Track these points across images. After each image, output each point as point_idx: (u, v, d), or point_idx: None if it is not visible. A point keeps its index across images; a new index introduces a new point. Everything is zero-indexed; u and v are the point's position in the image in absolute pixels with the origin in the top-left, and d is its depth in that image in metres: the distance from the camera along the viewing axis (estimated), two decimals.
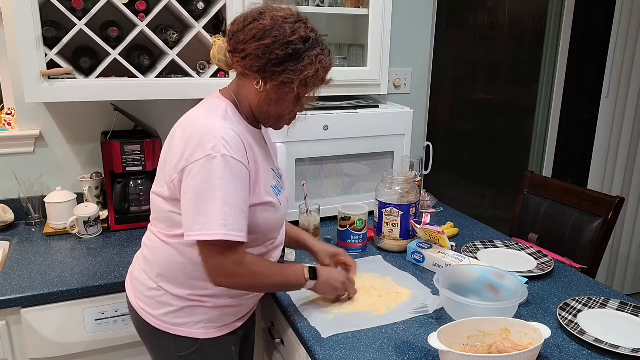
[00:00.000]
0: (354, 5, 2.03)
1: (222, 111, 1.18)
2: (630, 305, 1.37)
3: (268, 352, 1.62)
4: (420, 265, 1.63)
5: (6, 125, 1.91)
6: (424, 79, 2.46)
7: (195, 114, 1.20)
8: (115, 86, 1.69)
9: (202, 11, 1.76)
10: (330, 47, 2.07)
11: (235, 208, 1.11)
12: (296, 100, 1.20)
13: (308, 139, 1.84)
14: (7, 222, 1.85)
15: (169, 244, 1.22)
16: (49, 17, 1.65)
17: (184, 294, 1.23)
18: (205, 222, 1.09)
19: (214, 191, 1.09)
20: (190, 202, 1.11)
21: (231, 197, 1.10)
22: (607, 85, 3.00)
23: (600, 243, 1.91)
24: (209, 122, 1.14)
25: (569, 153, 3.13)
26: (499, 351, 1.09)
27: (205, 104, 1.23)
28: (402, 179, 1.72)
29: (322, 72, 1.18)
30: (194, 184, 1.10)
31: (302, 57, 1.14)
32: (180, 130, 1.17)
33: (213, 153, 1.09)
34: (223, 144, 1.10)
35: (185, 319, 1.24)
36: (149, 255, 1.27)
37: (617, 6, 2.90)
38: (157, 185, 1.24)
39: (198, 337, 1.25)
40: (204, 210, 1.09)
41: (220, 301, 1.26)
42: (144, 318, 1.27)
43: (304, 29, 1.15)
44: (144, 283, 1.27)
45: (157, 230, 1.25)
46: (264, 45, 1.12)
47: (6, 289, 1.44)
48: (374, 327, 1.28)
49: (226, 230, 1.09)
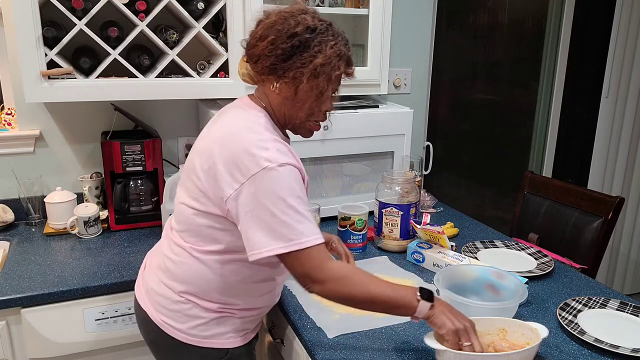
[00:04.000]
0: (354, 5, 2.03)
1: (263, 120, 1.12)
2: (630, 305, 1.37)
3: (268, 352, 1.62)
4: (420, 265, 1.63)
5: (6, 125, 1.91)
6: (424, 79, 2.47)
7: (232, 126, 1.11)
8: (115, 86, 1.69)
9: (202, 11, 1.76)
10: None
11: (304, 212, 1.05)
12: (314, 97, 1.12)
13: (308, 139, 1.84)
14: (7, 222, 1.85)
15: (201, 260, 1.15)
16: (49, 17, 1.65)
17: (213, 307, 1.18)
18: (280, 235, 1.02)
19: (281, 202, 1.02)
20: (257, 219, 1.03)
21: (298, 203, 1.04)
22: (607, 85, 3.00)
23: (600, 243, 1.91)
24: (253, 133, 1.07)
25: (569, 153, 3.13)
26: (496, 351, 1.09)
27: (242, 115, 1.14)
28: (402, 179, 1.72)
29: (336, 59, 1.09)
30: (259, 200, 1.02)
31: (310, 46, 1.07)
32: (219, 144, 1.08)
33: (270, 164, 1.02)
34: (275, 153, 1.04)
35: (215, 331, 1.19)
36: (174, 268, 1.19)
37: (617, 6, 2.90)
38: (188, 197, 1.15)
39: (228, 346, 1.21)
40: (275, 223, 1.02)
41: (246, 313, 1.23)
42: (168, 333, 1.19)
43: (311, 19, 1.09)
44: (169, 297, 1.19)
45: (188, 245, 1.17)
46: (268, 42, 1.08)
47: (6, 289, 1.44)
48: (378, 327, 1.27)
49: (306, 237, 1.03)
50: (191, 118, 2.10)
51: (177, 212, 1.20)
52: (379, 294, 1.06)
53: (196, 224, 1.14)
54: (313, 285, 1.06)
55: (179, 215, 1.19)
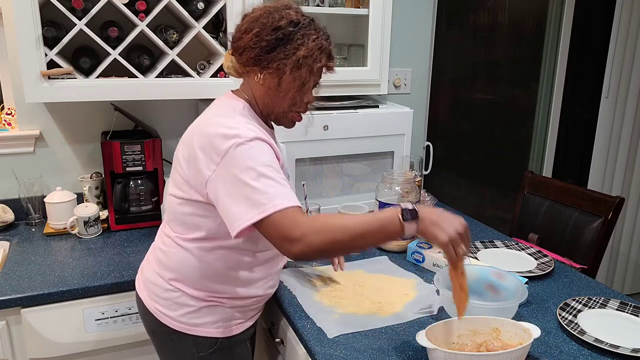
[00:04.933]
0: (354, 5, 2.03)
1: (240, 109, 1.17)
2: (630, 305, 1.37)
3: (268, 352, 1.62)
4: (420, 265, 1.63)
5: (6, 125, 1.91)
6: (424, 79, 2.46)
7: (211, 115, 1.18)
8: (115, 86, 1.69)
9: (202, 11, 1.76)
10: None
11: (278, 178, 1.07)
12: (296, 88, 1.17)
13: (308, 139, 1.84)
14: (7, 222, 1.85)
15: (186, 248, 1.21)
16: (49, 17, 1.65)
17: (201, 295, 1.22)
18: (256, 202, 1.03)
19: (253, 170, 1.05)
20: (232, 194, 1.06)
21: (270, 170, 1.06)
22: (607, 85, 3.00)
23: (600, 243, 1.91)
24: (228, 118, 1.13)
25: (569, 153, 3.13)
26: (488, 350, 1.09)
27: (219, 104, 1.21)
28: (402, 179, 1.72)
29: (317, 52, 1.14)
30: (233, 173, 1.06)
31: (293, 38, 1.12)
32: (199, 132, 1.14)
33: (240, 140, 1.07)
34: (246, 130, 1.08)
35: (205, 319, 1.23)
36: (164, 258, 1.25)
37: (617, 6, 2.90)
38: (174, 187, 1.21)
39: (218, 335, 1.25)
40: (250, 191, 1.04)
41: (236, 302, 1.25)
42: (161, 320, 1.25)
43: (294, 14, 1.14)
44: (160, 285, 1.25)
45: (175, 234, 1.23)
46: (253, 35, 1.13)
47: (6, 289, 1.44)
48: (378, 327, 1.27)
49: (279, 200, 1.03)
50: (191, 118, 2.06)
51: (165, 203, 1.26)
52: (362, 228, 1.03)
53: (180, 212, 1.20)
54: (293, 246, 1.02)
55: (167, 205, 1.25)
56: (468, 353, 1.05)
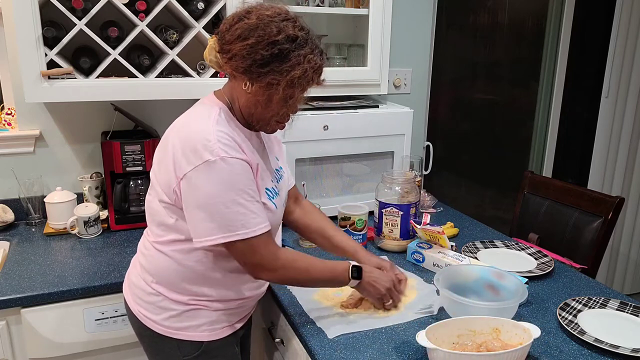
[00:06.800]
0: (354, 5, 2.03)
1: (215, 114, 1.15)
2: (630, 305, 1.37)
3: (268, 352, 1.62)
4: (420, 265, 1.63)
5: (6, 125, 1.91)
6: (424, 79, 2.47)
7: (188, 118, 1.18)
8: (115, 86, 1.69)
9: (202, 11, 1.76)
10: (330, 47, 2.10)
11: (248, 204, 1.11)
12: (284, 102, 1.15)
13: (308, 139, 1.84)
14: (7, 222, 1.85)
15: (164, 251, 1.21)
16: (49, 17, 1.65)
17: (183, 299, 1.22)
18: (223, 225, 1.09)
19: (222, 194, 1.08)
20: (200, 209, 1.09)
21: (241, 195, 1.10)
22: (607, 85, 3.00)
23: (600, 243, 1.91)
24: (202, 126, 1.11)
25: (569, 153, 3.13)
26: (488, 350, 1.09)
27: (198, 107, 1.20)
28: (402, 179, 1.72)
29: (311, 72, 1.12)
30: (200, 191, 1.08)
31: (289, 57, 1.09)
32: (174, 135, 1.15)
33: (212, 157, 1.07)
34: (219, 146, 1.08)
35: (188, 323, 1.23)
36: (145, 262, 1.25)
37: (617, 6, 2.90)
38: (150, 188, 1.22)
39: (202, 339, 1.24)
40: (217, 214, 1.09)
41: (221, 305, 1.25)
42: (145, 324, 1.25)
43: (292, 27, 1.11)
44: (143, 289, 1.25)
45: (152, 237, 1.24)
46: (248, 45, 1.09)
47: (6, 289, 1.44)
48: (378, 327, 1.27)
49: (245, 229, 1.10)
50: None
51: (145, 207, 1.27)
52: (318, 276, 1.25)
53: (156, 214, 1.21)
54: (262, 273, 1.17)
55: (146, 207, 1.26)
56: (468, 353, 1.06)
